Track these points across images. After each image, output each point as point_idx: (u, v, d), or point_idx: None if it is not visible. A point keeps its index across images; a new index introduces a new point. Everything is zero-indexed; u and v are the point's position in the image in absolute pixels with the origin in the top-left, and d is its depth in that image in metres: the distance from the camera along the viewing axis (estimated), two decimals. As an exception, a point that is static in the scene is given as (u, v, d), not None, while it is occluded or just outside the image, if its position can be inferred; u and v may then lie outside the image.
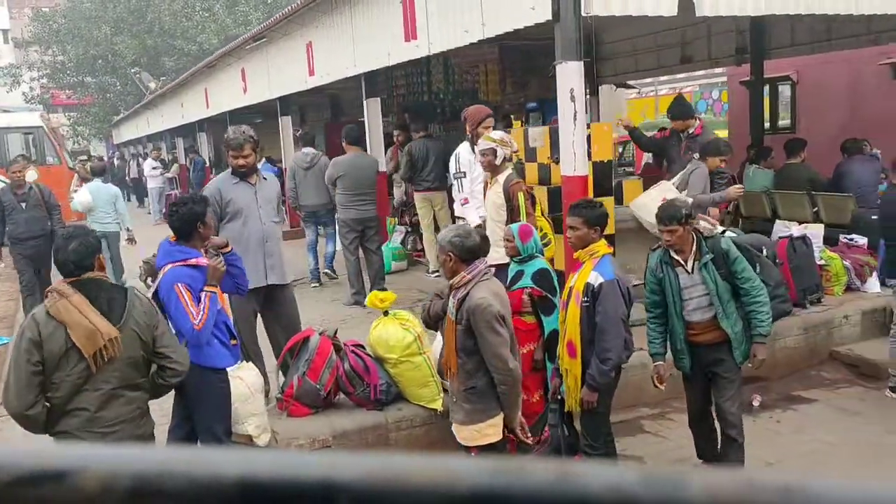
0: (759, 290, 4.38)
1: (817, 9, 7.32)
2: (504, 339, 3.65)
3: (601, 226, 4.35)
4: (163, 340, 3.53)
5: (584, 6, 6.15)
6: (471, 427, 3.78)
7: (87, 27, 32.33)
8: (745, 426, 5.72)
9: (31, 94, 36.66)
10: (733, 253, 4.37)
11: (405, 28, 8.31)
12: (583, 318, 4.24)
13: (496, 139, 5.90)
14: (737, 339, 4.45)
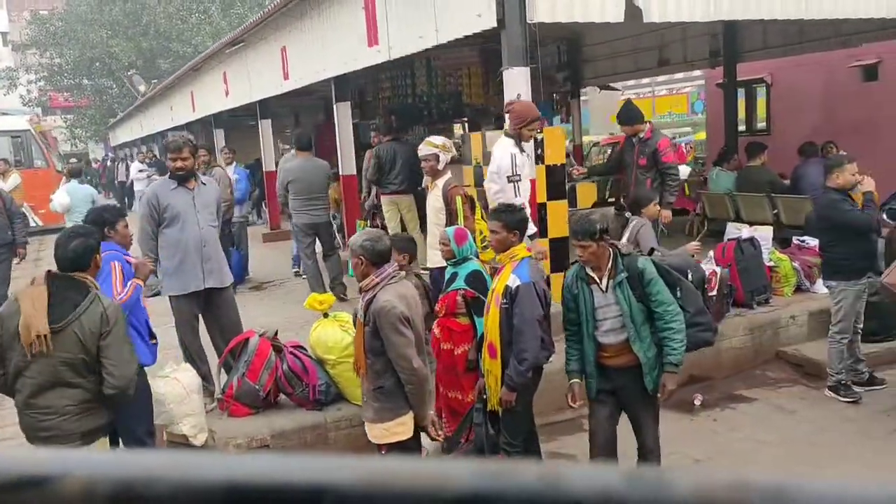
0: (674, 315, 4.14)
1: (765, 14, 7.46)
2: (408, 340, 3.75)
3: (520, 230, 4.47)
4: (107, 352, 3.60)
5: (529, 13, 6.29)
6: (380, 425, 3.89)
7: (84, 30, 32.54)
8: (683, 425, 5.90)
9: (29, 96, 36.83)
10: (649, 273, 4.15)
11: (368, 34, 8.44)
12: (502, 319, 4.35)
13: (438, 145, 6.04)
14: (648, 365, 4.24)
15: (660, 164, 7.10)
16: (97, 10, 33.05)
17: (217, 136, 17.50)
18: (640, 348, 4.20)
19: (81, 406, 3.67)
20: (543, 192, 7.26)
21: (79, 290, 3.64)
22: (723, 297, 6.83)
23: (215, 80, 15.49)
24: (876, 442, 5.42)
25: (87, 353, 3.58)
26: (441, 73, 16.51)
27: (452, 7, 6.87)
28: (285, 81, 11.40)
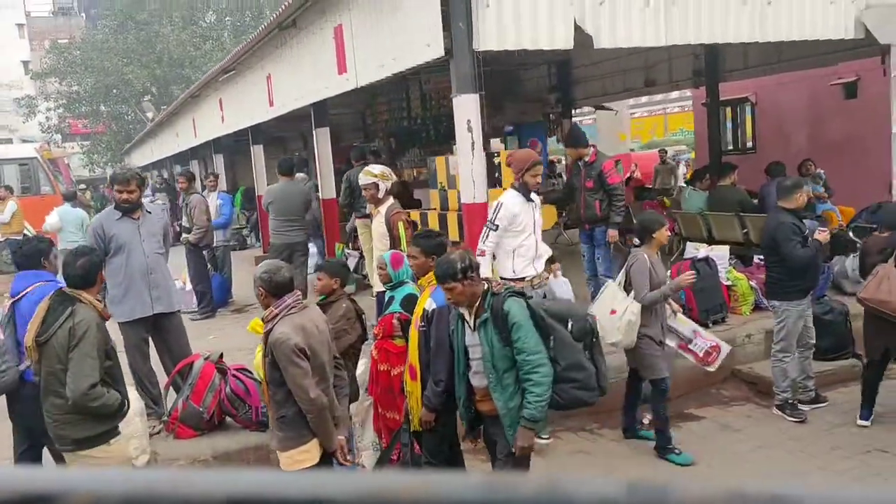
0: (536, 365, 3.83)
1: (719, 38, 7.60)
2: (303, 371, 3.79)
3: (439, 255, 4.59)
4: (69, 364, 3.85)
5: (476, 42, 6.46)
6: (284, 454, 3.98)
7: (99, 58, 33.24)
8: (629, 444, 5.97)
9: (48, 123, 37.58)
10: (513, 316, 3.86)
11: (338, 62, 8.67)
12: (421, 342, 4.50)
13: (377, 174, 6.24)
14: (509, 417, 3.96)
15: (606, 185, 7.22)
16: (112, 39, 33.76)
17: (217, 161, 17.84)
18: (499, 397, 3.95)
19: (66, 415, 3.93)
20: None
21: (64, 307, 3.91)
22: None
23: (212, 107, 15.83)
24: (816, 460, 5.47)
25: (63, 365, 3.86)
26: (434, 96, 16.72)
27: (405, 37, 7.06)
28: (270, 108, 11.66)
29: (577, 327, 4.03)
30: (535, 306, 4.01)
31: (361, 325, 5.01)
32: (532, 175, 5.60)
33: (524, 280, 5.48)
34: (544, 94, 16.86)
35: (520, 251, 5.56)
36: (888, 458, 5.37)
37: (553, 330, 3.97)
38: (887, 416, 6.07)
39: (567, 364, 3.95)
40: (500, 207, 5.56)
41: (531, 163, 5.64)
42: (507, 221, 5.51)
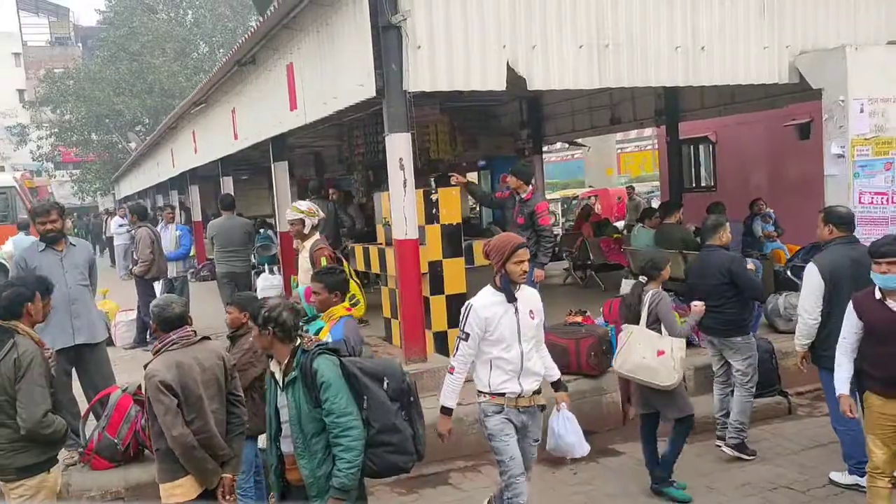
0: (346, 428, 3.54)
1: (653, 81, 7.80)
2: (166, 408, 3.81)
3: (340, 290, 4.73)
4: (19, 395, 3.96)
5: (407, 83, 6.65)
6: (161, 486, 4.05)
7: (91, 88, 33.60)
8: (545, 478, 6.05)
9: (39, 151, 37.85)
10: (321, 375, 3.58)
11: (290, 99, 8.88)
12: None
13: (303, 210, 6.40)
14: (316, 486, 3.64)
15: (536, 225, 7.37)
16: (105, 69, 34.15)
17: (192, 192, 18.03)
18: (306, 464, 3.65)
19: (13, 444, 4.02)
20: (439, 249, 7.57)
21: (6, 338, 4.03)
22: (602, 352, 7.02)
23: (187, 139, 16.06)
24: (721, 496, 5.55)
25: (9, 396, 3.96)
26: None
27: (343, 77, 7.27)
28: (235, 141, 11.87)
29: (393, 387, 3.72)
30: (349, 364, 3.72)
31: (269, 358, 5.10)
32: (515, 262, 4.23)
33: (503, 397, 4.29)
34: (516, 129, 17.12)
35: (498, 363, 4.26)
36: (791, 493, 5.46)
37: (366, 389, 3.66)
38: (801, 453, 6.17)
39: (380, 427, 3.64)
40: (469, 312, 4.25)
41: (512, 247, 4.24)
42: (480, 329, 4.19)
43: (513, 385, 4.29)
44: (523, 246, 4.29)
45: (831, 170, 8.02)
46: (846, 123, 7.82)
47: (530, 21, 7.12)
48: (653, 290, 5.56)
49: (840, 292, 5.18)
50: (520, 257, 4.25)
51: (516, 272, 4.25)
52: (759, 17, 8.05)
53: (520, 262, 4.23)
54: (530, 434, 4.49)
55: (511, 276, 4.25)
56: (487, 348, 4.27)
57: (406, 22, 6.52)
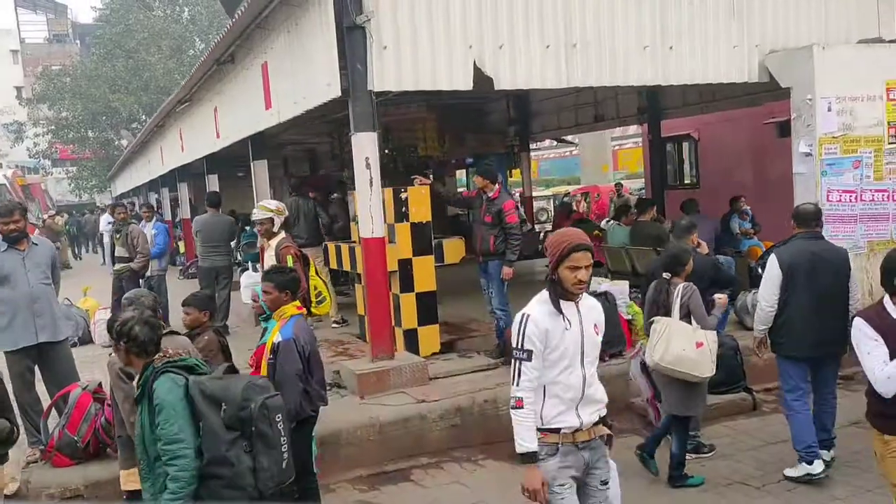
0: (173, 457, 3.33)
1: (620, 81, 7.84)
2: (125, 394, 3.97)
3: (291, 290, 4.80)
4: None
5: (373, 83, 6.71)
6: (121, 472, 4.16)
7: (87, 85, 33.69)
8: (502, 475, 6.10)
9: (36, 149, 37.95)
10: (157, 397, 3.39)
11: (265, 98, 8.93)
12: (270, 374, 4.67)
13: (273, 209, 6.46)
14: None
15: (504, 223, 7.42)
16: (100, 66, 34.23)
17: (181, 189, 18.09)
18: (149, 487, 3.49)
19: None
20: (409, 248, 7.63)
21: None
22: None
23: (175, 137, 16.12)
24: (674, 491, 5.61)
25: None
26: (396, 127, 16.97)
27: (311, 77, 7.32)
28: (217, 139, 11.91)
29: (230, 413, 3.40)
30: (192, 386, 3.45)
31: (225, 356, 5.18)
32: (571, 266, 3.32)
33: (557, 433, 3.44)
34: (504, 126, 17.16)
35: (554, 389, 3.43)
36: (745, 489, 5.52)
37: (202, 416, 3.40)
38: (760, 449, 6.23)
39: (210, 457, 3.38)
40: (525, 323, 3.40)
41: (567, 247, 3.33)
42: (542, 343, 3.35)
43: (570, 417, 3.43)
44: (584, 248, 3.33)
45: (799, 168, 8.08)
46: (814, 122, 7.88)
47: (497, 21, 7.16)
48: (682, 283, 5.62)
49: (795, 283, 5.52)
50: (576, 261, 3.31)
51: (570, 280, 3.33)
52: (728, 16, 8.09)
53: (576, 269, 3.31)
54: (596, 474, 3.55)
55: (563, 283, 3.35)
56: (543, 370, 3.39)
57: (370, 22, 6.57)
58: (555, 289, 3.40)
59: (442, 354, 7.85)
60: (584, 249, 3.34)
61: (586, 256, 3.35)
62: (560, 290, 3.38)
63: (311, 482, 5.02)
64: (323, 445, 6.22)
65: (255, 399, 3.44)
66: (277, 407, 3.53)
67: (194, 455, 3.34)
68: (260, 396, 3.46)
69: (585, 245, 3.35)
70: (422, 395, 6.72)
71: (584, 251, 3.34)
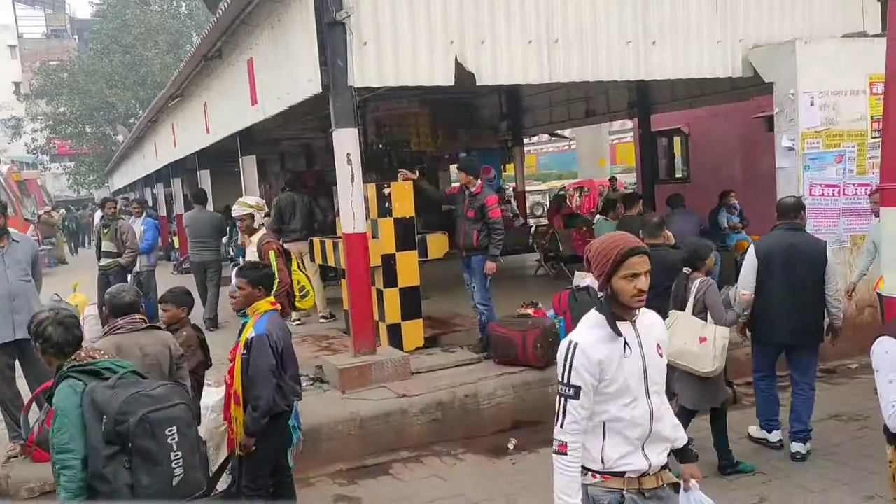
0: (62, 467, 3.20)
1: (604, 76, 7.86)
2: None
3: (264, 286, 4.83)
4: None
5: (354, 79, 6.73)
6: None
7: (85, 81, 33.69)
8: (485, 468, 6.15)
9: (34, 144, 37.96)
10: (54, 403, 3.32)
11: (251, 94, 8.96)
12: (243, 369, 4.71)
13: (253, 205, 6.50)
14: None
15: (487, 218, 7.44)
16: (97, 62, 34.24)
17: (175, 185, 18.11)
18: (58, 495, 3.34)
19: None
20: (392, 243, 7.67)
21: None
22: (548, 344, 7.12)
23: (167, 132, 16.15)
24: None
25: None
26: (389, 122, 17.01)
27: (293, 73, 7.35)
28: (207, 135, 11.94)
29: (108, 428, 3.16)
30: (87, 393, 3.25)
31: (203, 352, 5.22)
32: (627, 275, 2.78)
33: (621, 477, 2.89)
34: (497, 121, 17.20)
35: (616, 426, 2.88)
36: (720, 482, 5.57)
37: (87, 427, 3.21)
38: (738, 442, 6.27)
39: (91, 472, 3.19)
40: (573, 353, 2.81)
41: (621, 252, 2.79)
42: (594, 376, 2.80)
43: (636, 459, 2.90)
44: (640, 251, 2.80)
45: (782, 162, 8.09)
46: (796, 116, 7.89)
47: (478, 16, 7.18)
48: (700, 278, 5.65)
49: (771, 272, 5.80)
50: (634, 267, 2.78)
51: (628, 292, 2.79)
52: (711, 11, 8.11)
53: (634, 276, 2.77)
54: None
55: (620, 296, 2.81)
56: (600, 405, 2.85)
57: (350, 18, 6.59)
58: (609, 307, 2.84)
59: (426, 349, 7.89)
60: (641, 253, 2.80)
61: (644, 261, 2.81)
62: (616, 308, 2.83)
63: (286, 477, 5.06)
64: (304, 440, 6.28)
65: (135, 412, 3.15)
66: (169, 419, 3.23)
67: (81, 467, 3.17)
68: (143, 409, 3.17)
69: (641, 248, 2.82)
70: (403, 390, 6.76)
71: (640, 255, 2.80)
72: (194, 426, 3.45)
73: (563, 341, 2.90)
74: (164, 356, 4.39)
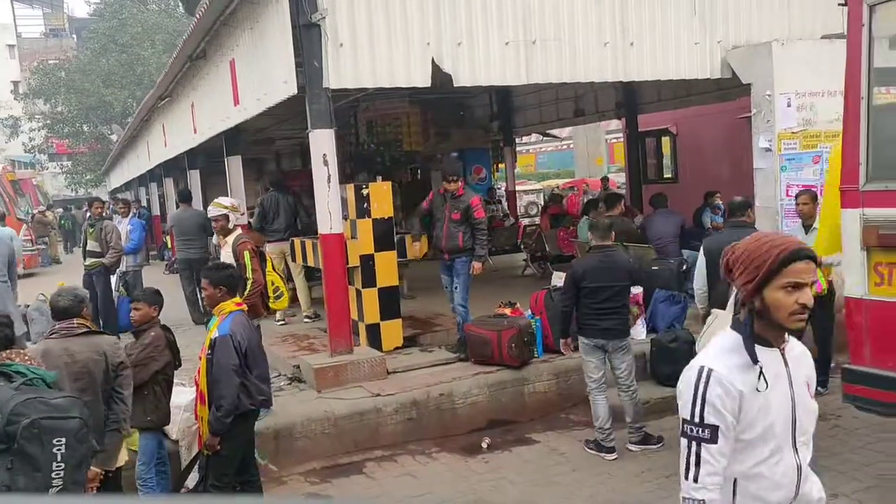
0: None
1: (582, 77, 7.90)
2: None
3: (228, 286, 4.88)
4: None
5: (330, 80, 6.78)
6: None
7: (81, 80, 33.73)
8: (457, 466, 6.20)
9: (31, 143, 37.98)
10: None
11: (233, 94, 9.00)
12: (209, 369, 4.76)
13: (227, 206, 6.54)
14: None
15: (472, 219, 7.47)
16: (94, 61, 34.29)
17: (166, 185, 18.16)
18: None
19: None
20: (371, 243, 7.71)
21: None
22: (523, 344, 7.16)
23: (159, 132, 16.19)
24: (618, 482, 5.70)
25: None
26: (380, 122, 17.04)
27: (271, 74, 7.40)
28: (195, 135, 11.98)
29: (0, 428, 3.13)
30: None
31: (172, 352, 5.26)
32: (786, 287, 2.21)
33: None
34: (487, 121, 17.24)
35: (751, 487, 2.28)
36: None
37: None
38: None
39: None
40: (707, 382, 2.23)
41: (783, 254, 2.22)
42: (733, 415, 2.23)
43: None
44: (806, 254, 2.23)
45: (759, 163, 8.14)
46: (773, 117, 7.93)
47: (455, 18, 7.23)
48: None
49: (715, 268, 5.70)
50: (797, 276, 2.21)
51: (786, 307, 2.22)
52: (690, 13, 8.15)
53: (796, 287, 2.21)
54: None
55: (775, 312, 2.23)
56: (732, 456, 2.25)
57: (326, 20, 6.63)
58: (751, 326, 2.26)
59: (404, 349, 7.93)
60: (808, 258, 2.23)
61: (811, 269, 2.23)
62: (763, 328, 2.27)
63: (253, 475, 5.12)
64: (277, 439, 6.35)
65: (27, 416, 3.14)
66: (60, 430, 3.21)
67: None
68: (36, 414, 3.16)
69: (808, 251, 2.25)
70: (378, 389, 6.81)
71: (807, 260, 2.23)
72: (88, 443, 3.42)
73: (690, 367, 2.29)
74: (95, 363, 4.32)
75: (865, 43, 4.76)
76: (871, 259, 4.83)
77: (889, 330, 4.77)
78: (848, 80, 4.88)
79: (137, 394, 5.02)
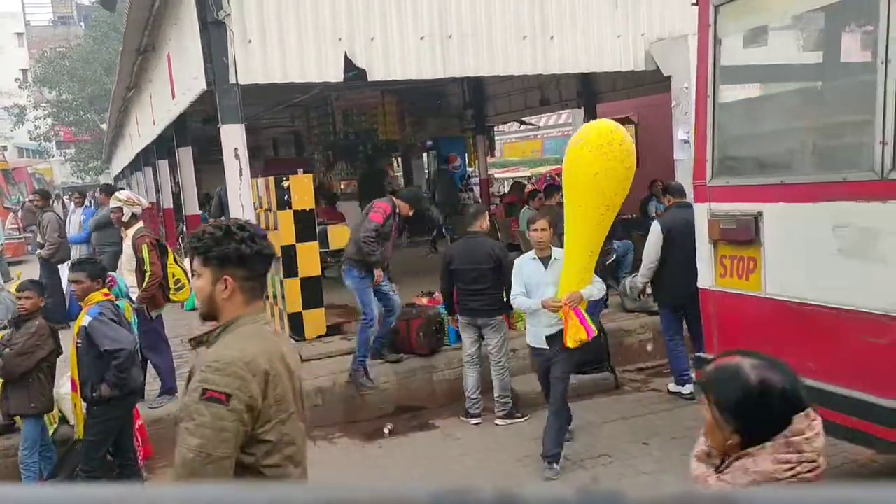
0: None
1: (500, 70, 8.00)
2: None
3: (102, 278, 5.08)
4: None
5: (238, 76, 6.94)
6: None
7: (83, 68, 34.07)
8: (351, 451, 6.39)
9: (37, 131, 38.43)
10: None
11: (171, 88, 9.19)
12: (79, 357, 4.97)
13: (123, 199, 6.75)
14: None
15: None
16: (95, 50, 34.60)
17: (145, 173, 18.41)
18: None
19: None
20: (292, 234, 7.89)
21: None
22: (432, 333, 7.33)
23: (132, 121, 16.43)
24: (505, 465, 5.87)
25: None
26: (356, 111, 17.17)
27: (188, 70, 7.56)
28: (154, 127, 12.19)
29: None
30: None
31: (54, 340, 5.47)
32: None
33: None
34: (461, 110, 17.33)
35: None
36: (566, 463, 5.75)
37: None
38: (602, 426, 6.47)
39: None
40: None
41: None
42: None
43: None
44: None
45: (679, 155, 8.24)
46: (691, 110, 7.97)
47: (369, 13, 7.35)
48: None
49: (673, 244, 6.58)
50: None
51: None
52: (611, 6, 8.22)
53: None
54: None
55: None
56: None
57: (232, 17, 6.78)
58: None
59: (327, 337, 8.11)
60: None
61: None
62: None
63: (129, 460, 5.33)
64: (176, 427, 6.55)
65: None
66: None
67: None
68: None
69: None
70: (285, 377, 6.98)
71: None
72: None
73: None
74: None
75: (711, 41, 4.86)
76: (718, 251, 4.95)
77: (732, 318, 4.89)
78: (698, 79, 4.98)
79: (22, 381, 5.26)
